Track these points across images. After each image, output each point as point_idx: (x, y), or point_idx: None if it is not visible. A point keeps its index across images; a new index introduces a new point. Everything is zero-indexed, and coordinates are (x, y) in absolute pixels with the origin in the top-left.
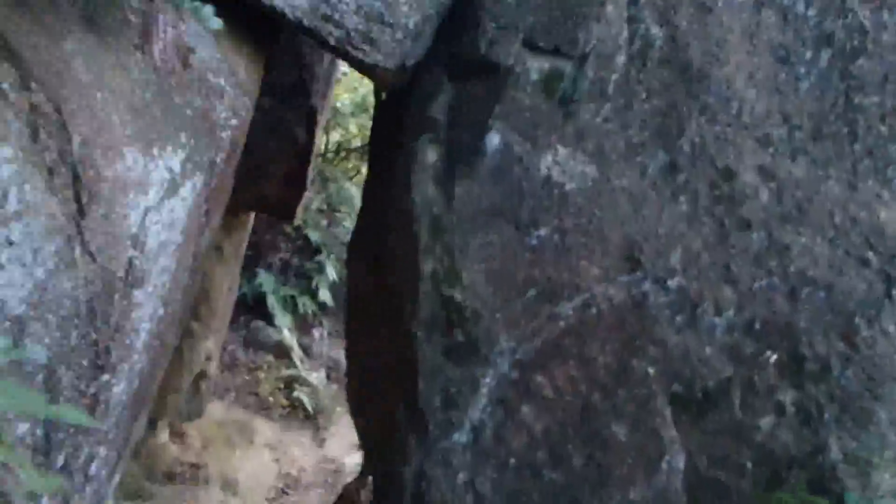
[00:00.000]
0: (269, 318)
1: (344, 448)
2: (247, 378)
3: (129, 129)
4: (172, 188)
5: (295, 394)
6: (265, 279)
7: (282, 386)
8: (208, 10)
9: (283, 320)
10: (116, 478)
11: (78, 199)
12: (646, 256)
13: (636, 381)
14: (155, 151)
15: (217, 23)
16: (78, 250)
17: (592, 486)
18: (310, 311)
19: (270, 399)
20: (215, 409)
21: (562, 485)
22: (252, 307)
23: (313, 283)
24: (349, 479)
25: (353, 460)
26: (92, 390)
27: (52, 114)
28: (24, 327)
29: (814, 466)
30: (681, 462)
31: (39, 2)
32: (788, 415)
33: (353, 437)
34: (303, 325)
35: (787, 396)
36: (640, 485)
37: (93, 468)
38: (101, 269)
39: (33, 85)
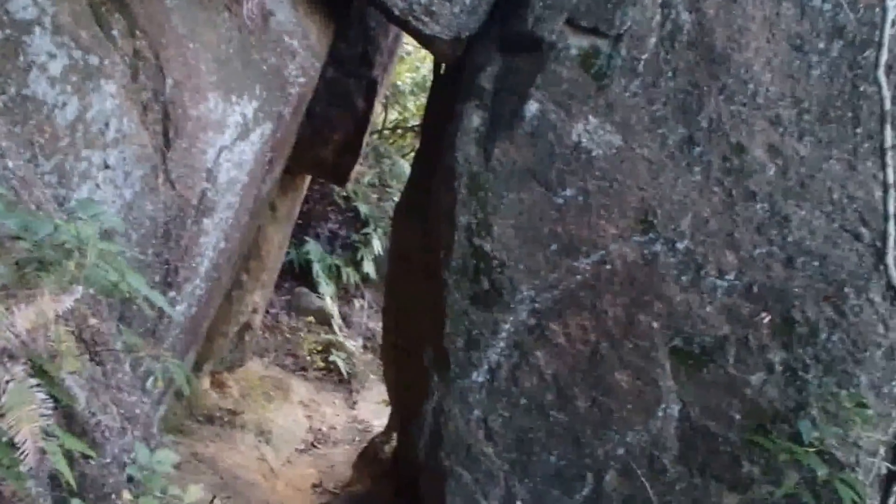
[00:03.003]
0: (313, 286)
1: (373, 411)
2: (288, 337)
3: (214, 77)
4: (244, 132)
5: (331, 358)
6: (313, 248)
7: (320, 349)
8: None
9: (327, 289)
10: (162, 408)
11: (165, 133)
12: (659, 220)
13: (641, 334)
14: (233, 98)
15: None
16: (161, 178)
17: (594, 427)
18: (353, 282)
19: (308, 360)
20: (255, 366)
21: (566, 425)
22: (298, 274)
23: (358, 255)
24: None
25: (381, 422)
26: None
27: (151, 58)
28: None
29: (796, 422)
30: (676, 410)
31: None
32: (776, 373)
33: (383, 400)
34: (345, 295)
35: (777, 356)
36: (638, 429)
37: (149, 384)
38: (178, 196)
39: (137, 32)
